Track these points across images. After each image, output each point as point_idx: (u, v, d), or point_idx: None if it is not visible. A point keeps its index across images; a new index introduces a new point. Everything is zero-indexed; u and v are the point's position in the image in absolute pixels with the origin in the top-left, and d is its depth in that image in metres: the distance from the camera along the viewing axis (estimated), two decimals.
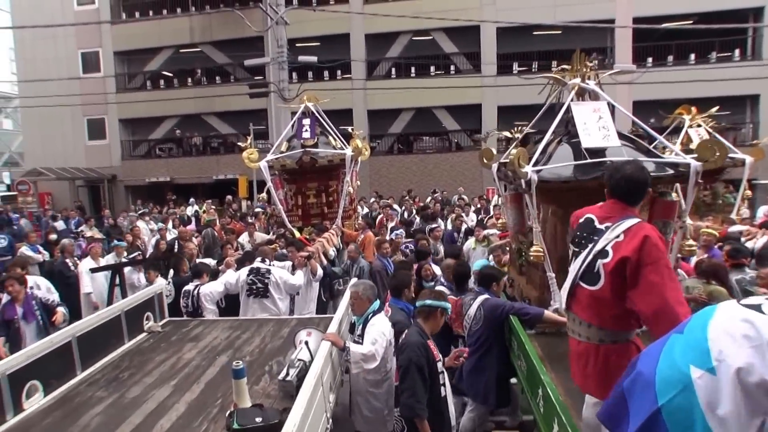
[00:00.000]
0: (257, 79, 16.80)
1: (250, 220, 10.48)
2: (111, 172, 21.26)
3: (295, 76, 17.15)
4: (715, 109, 7.31)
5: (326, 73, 18.57)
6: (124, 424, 2.67)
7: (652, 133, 4.04)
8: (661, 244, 2.10)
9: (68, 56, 20.83)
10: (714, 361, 1.18)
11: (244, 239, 8.04)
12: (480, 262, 4.88)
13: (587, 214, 2.41)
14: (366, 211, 11.87)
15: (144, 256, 7.72)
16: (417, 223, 9.43)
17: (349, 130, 7.87)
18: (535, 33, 17.31)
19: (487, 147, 4.35)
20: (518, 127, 4.21)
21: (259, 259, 5.29)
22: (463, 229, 8.72)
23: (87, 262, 6.71)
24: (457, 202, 13.05)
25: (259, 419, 2.44)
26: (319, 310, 5.72)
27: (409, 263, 5.39)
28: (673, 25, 16.35)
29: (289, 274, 5.25)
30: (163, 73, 20.95)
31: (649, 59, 16.68)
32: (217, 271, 5.73)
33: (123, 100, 19.92)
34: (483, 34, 17.26)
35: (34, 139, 22.19)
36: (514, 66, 17.70)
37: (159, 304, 4.59)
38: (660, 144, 4.12)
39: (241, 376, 2.61)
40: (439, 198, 14.31)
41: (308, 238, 6.75)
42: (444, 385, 3.09)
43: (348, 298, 3.94)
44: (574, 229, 2.45)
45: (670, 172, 3.41)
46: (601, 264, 2.19)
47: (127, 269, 6.36)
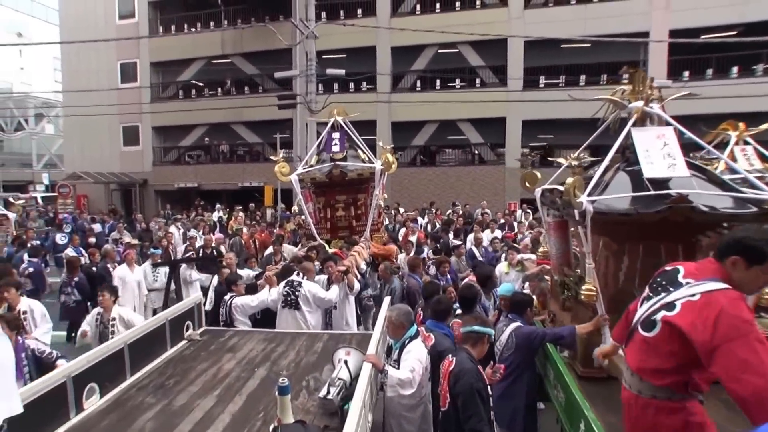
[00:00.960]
0: (285, 89, 17.23)
1: (277, 229, 10.71)
2: (143, 177, 22.11)
3: (321, 87, 17.52)
4: (765, 126, 6.76)
5: (352, 85, 18.86)
6: (175, 431, 2.81)
7: (728, 161, 3.55)
8: (747, 314, 1.87)
9: (108, 67, 21.90)
10: None
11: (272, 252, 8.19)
12: (506, 287, 4.67)
13: (678, 265, 2.24)
14: (387, 222, 11.94)
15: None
16: (446, 241, 9.33)
17: (380, 143, 7.96)
18: (563, 46, 17.16)
19: (531, 171, 4.05)
20: (575, 154, 3.77)
21: (296, 273, 5.38)
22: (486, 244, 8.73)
23: (122, 269, 6.98)
24: (480, 217, 13.04)
25: None
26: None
27: (437, 284, 5.38)
28: (714, 38, 15.39)
29: (319, 287, 5.35)
30: (195, 83, 21.68)
31: (686, 73, 16.04)
32: (255, 285, 5.85)
33: (157, 110, 20.71)
34: (510, 47, 17.20)
35: (74, 144, 23.43)
36: (541, 80, 17.61)
37: (198, 314, 4.76)
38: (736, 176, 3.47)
39: (286, 392, 2.65)
40: (461, 211, 14.31)
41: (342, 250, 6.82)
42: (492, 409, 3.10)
43: (383, 320, 3.98)
44: (657, 275, 2.31)
45: (752, 209, 2.90)
46: (663, 315, 2.05)
47: (182, 267, 6.85)
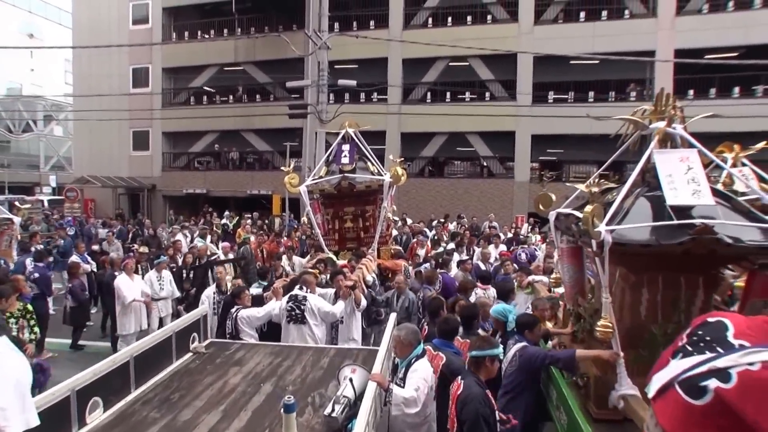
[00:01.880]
0: (295, 98, 17.32)
1: (284, 239, 10.66)
2: (151, 182, 22.21)
3: (333, 97, 17.57)
4: (761, 144, 6.92)
5: (363, 96, 18.93)
6: None
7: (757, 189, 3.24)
8: None
9: (120, 72, 22.09)
10: None
11: (283, 263, 8.14)
12: (498, 308, 4.61)
13: (722, 318, 2.08)
14: (395, 234, 11.86)
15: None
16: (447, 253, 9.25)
17: (390, 157, 7.95)
18: (572, 62, 17.21)
19: (545, 192, 3.86)
20: (596, 180, 3.64)
21: (298, 287, 5.38)
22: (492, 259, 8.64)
23: (122, 278, 6.87)
24: (488, 230, 12.94)
25: None
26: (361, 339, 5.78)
27: (440, 299, 5.31)
28: (716, 58, 15.71)
29: (324, 302, 5.33)
30: (207, 90, 21.84)
31: (691, 92, 16.19)
32: (261, 297, 5.82)
33: (168, 116, 20.88)
34: (519, 62, 17.24)
35: (83, 148, 23.63)
36: (550, 95, 17.64)
37: (204, 326, 4.70)
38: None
39: (291, 410, 2.61)
40: (467, 224, 14.20)
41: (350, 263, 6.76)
42: None
43: (389, 338, 3.94)
44: (696, 327, 2.17)
45: None
46: (716, 384, 1.89)
47: None
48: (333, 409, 2.91)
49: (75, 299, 7.13)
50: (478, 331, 4.62)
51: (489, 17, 18.21)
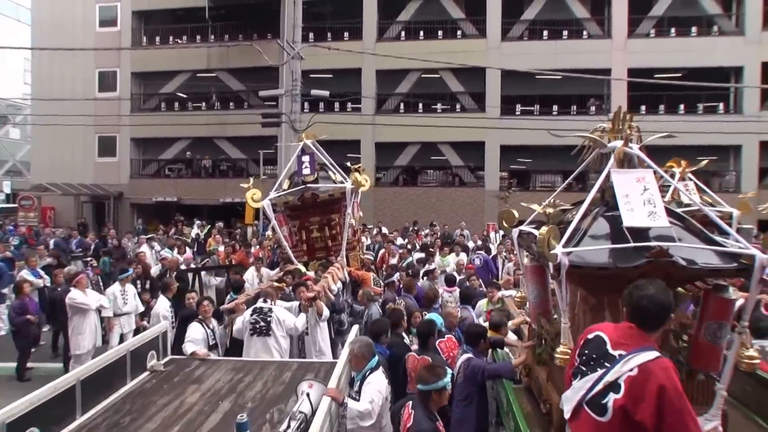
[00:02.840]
0: (269, 105, 17.03)
1: (255, 249, 10.35)
2: (118, 189, 21.14)
3: (307, 106, 17.40)
4: (704, 162, 7.39)
5: (337, 105, 18.82)
6: None
7: (711, 216, 3.14)
8: (680, 385, 1.98)
9: (85, 75, 20.97)
10: None
11: (250, 275, 7.89)
12: (439, 319, 4.74)
13: (598, 332, 2.22)
14: (369, 242, 11.75)
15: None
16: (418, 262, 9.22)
17: (347, 164, 7.99)
18: (537, 78, 17.68)
19: (508, 209, 3.76)
20: (550, 201, 3.51)
21: (261, 300, 5.26)
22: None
23: (74, 293, 6.34)
24: (458, 238, 12.97)
25: None
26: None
27: (401, 311, 5.23)
28: (662, 79, 16.63)
29: (289, 315, 5.23)
30: (179, 96, 21.20)
31: (643, 107, 17.07)
32: (218, 311, 5.63)
33: (137, 122, 20.12)
34: (488, 76, 17.64)
35: (43, 153, 22.02)
36: (517, 107, 18.04)
37: (163, 342, 4.45)
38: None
39: (244, 429, 2.60)
40: (439, 232, 14.22)
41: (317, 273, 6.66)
42: None
43: (347, 351, 3.90)
44: (582, 346, 2.27)
45: (732, 264, 2.71)
46: (612, 398, 2.02)
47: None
48: (288, 426, 2.84)
49: (12, 323, 6.48)
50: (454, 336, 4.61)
51: (459, 32, 18.57)
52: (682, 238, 2.82)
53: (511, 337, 4.56)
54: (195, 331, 4.91)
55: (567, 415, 2.28)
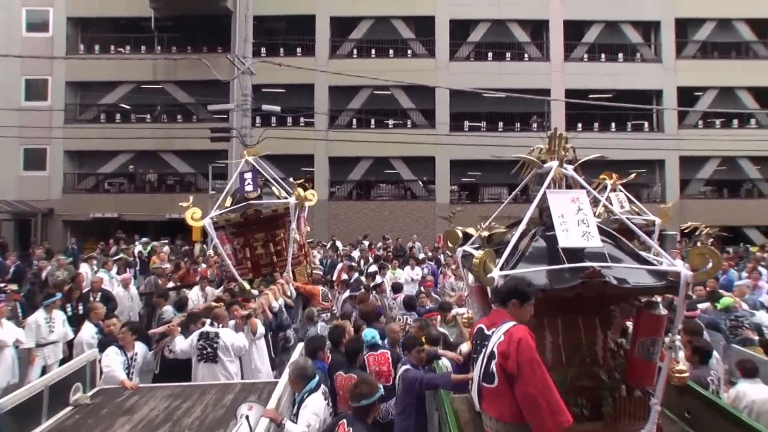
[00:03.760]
0: (220, 118, 16.43)
1: (202, 268, 9.84)
2: (47, 205, 19.05)
3: (259, 120, 16.99)
4: (633, 175, 8.02)
5: (290, 120, 18.51)
6: None
7: (636, 230, 3.17)
8: (532, 341, 2.48)
9: (9, 82, 18.89)
10: None
11: (195, 294, 7.47)
12: (370, 332, 4.69)
13: (479, 325, 2.72)
14: (320, 257, 11.55)
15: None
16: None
17: (290, 179, 8.04)
18: (483, 96, 18.34)
19: (452, 228, 3.77)
20: (486, 223, 3.55)
21: (209, 322, 4.94)
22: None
23: None
24: (409, 252, 13.04)
25: None
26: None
27: (342, 327, 5.07)
28: (595, 99, 17.93)
29: (237, 335, 5.00)
30: (121, 107, 19.91)
31: (579, 125, 18.18)
32: (149, 337, 5.27)
33: (72, 134, 18.65)
34: (437, 94, 18.08)
35: None
36: (466, 124, 18.59)
37: (91, 373, 4.04)
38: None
39: None
40: (391, 245, 14.24)
41: (245, 297, 6.42)
42: None
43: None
44: (473, 337, 2.76)
45: (661, 282, 2.80)
46: (493, 364, 2.51)
47: None
48: None
49: None
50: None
51: (409, 52, 18.96)
52: (614, 257, 2.89)
53: (448, 354, 4.54)
54: (111, 360, 4.39)
55: (477, 407, 2.71)
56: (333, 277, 10.08)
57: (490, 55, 18.76)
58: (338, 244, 14.47)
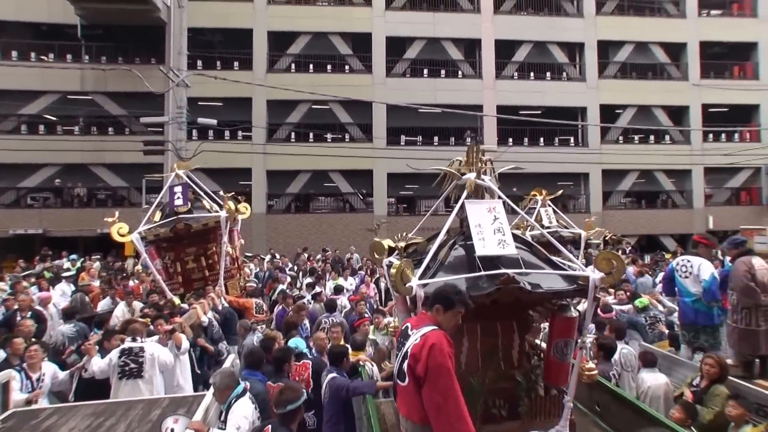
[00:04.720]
0: (154, 131, 15.37)
1: (134, 283, 9.07)
2: None
3: (196, 133, 16.09)
4: (560, 192, 8.53)
5: (227, 133, 17.73)
6: None
7: (557, 244, 3.26)
8: (447, 347, 2.40)
9: None
10: None
11: (120, 311, 6.82)
12: (296, 341, 4.80)
13: (406, 323, 2.68)
14: (257, 270, 11.09)
15: None
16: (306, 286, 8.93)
17: (221, 192, 7.73)
18: (419, 111, 18.67)
19: (378, 240, 3.70)
20: (403, 235, 3.53)
21: (129, 338, 4.55)
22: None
23: None
24: (347, 263, 12.86)
25: None
26: (196, 384, 5.13)
27: (272, 339, 4.91)
28: (525, 115, 18.88)
29: (164, 349, 4.67)
30: (45, 118, 18.04)
31: (510, 139, 18.95)
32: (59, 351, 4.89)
33: None
34: (374, 109, 18.06)
35: None
36: (402, 138, 18.78)
37: (4, 395, 3.61)
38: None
39: None
40: (330, 257, 14.00)
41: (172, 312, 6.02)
42: None
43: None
44: (399, 335, 2.72)
45: (572, 286, 2.86)
46: (405, 364, 2.48)
47: None
48: None
49: None
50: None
51: (347, 67, 18.84)
52: (529, 263, 2.92)
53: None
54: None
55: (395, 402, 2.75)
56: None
57: (426, 71, 19.07)
58: (277, 256, 13.99)
